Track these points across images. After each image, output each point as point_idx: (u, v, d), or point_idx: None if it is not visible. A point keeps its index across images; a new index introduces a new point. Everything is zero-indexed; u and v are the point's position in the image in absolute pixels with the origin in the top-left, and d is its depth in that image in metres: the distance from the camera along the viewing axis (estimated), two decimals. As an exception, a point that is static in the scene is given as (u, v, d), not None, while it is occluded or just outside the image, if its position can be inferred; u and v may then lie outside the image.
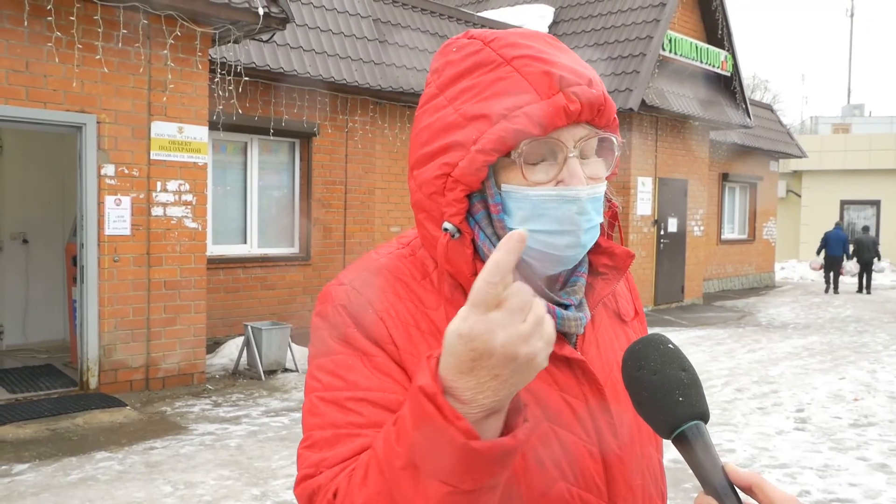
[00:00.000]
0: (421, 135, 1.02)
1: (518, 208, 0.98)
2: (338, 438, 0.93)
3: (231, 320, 9.52)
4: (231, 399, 7.20)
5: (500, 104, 0.95)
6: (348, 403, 0.95)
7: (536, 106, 0.94)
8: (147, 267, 7.22)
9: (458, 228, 0.98)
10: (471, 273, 0.99)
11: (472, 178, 0.96)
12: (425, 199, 1.01)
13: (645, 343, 0.96)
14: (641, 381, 0.93)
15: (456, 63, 1.01)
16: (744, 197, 20.02)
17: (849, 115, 38.23)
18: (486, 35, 1.02)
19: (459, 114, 0.97)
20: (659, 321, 13.21)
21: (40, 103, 6.55)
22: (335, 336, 1.00)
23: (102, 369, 7.00)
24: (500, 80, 0.97)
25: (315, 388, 0.99)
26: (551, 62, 0.97)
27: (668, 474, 4.78)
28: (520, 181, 0.97)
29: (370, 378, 0.96)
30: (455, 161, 0.96)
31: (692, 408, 0.91)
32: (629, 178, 13.68)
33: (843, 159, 26.95)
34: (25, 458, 5.43)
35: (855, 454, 5.96)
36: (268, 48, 9.35)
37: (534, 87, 0.95)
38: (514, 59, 0.98)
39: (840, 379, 8.72)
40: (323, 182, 10.58)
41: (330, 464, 0.91)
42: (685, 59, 14.02)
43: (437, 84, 1.02)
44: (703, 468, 0.89)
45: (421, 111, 1.04)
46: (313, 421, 0.96)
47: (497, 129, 0.94)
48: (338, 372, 0.97)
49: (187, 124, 7.40)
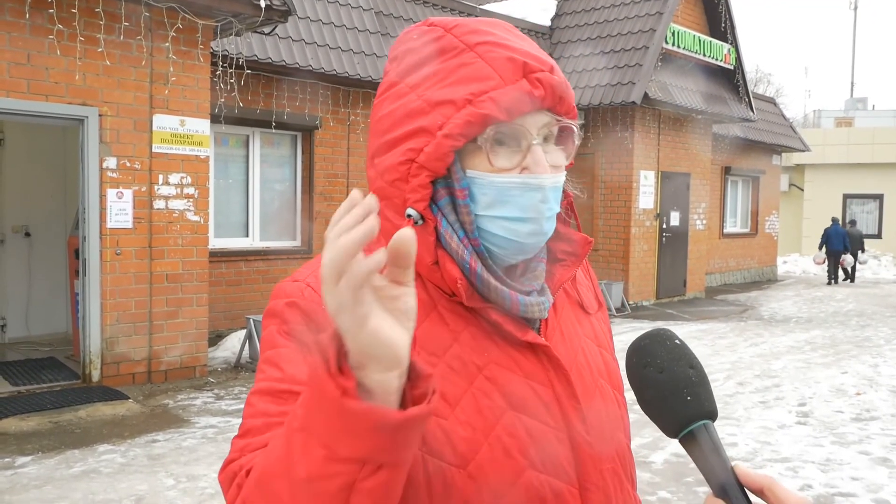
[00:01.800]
0: (382, 122, 1.01)
1: (482, 194, 0.98)
2: (268, 426, 0.90)
3: (233, 313, 9.53)
4: (233, 392, 7.20)
5: (465, 89, 0.95)
6: (283, 395, 0.93)
7: (502, 91, 0.95)
8: (149, 260, 7.22)
9: (421, 215, 0.98)
10: (432, 261, 0.99)
11: (439, 164, 0.96)
12: (387, 187, 1.00)
13: (651, 338, 0.94)
14: (647, 379, 0.91)
15: (417, 50, 1.01)
16: (746, 191, 19.99)
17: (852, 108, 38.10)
18: (446, 22, 1.03)
19: (423, 100, 0.97)
20: (661, 315, 13.20)
21: (42, 96, 6.54)
22: (282, 331, 1.00)
23: (105, 362, 7.01)
24: (464, 66, 0.97)
25: (257, 380, 0.98)
26: (514, 48, 0.98)
27: (669, 468, 4.74)
28: (485, 167, 0.97)
29: None
30: (420, 147, 0.96)
31: (701, 407, 0.89)
32: (632, 172, 13.66)
33: (846, 153, 26.90)
34: (28, 450, 5.44)
35: (857, 448, 5.96)
36: (270, 41, 9.33)
37: (498, 72, 0.95)
38: (476, 45, 0.98)
39: (842, 373, 8.71)
40: (325, 175, 10.57)
41: (253, 448, 0.89)
42: (688, 52, 13.98)
43: (397, 72, 1.02)
44: (713, 470, 0.87)
45: (380, 100, 1.04)
46: (248, 411, 0.95)
47: (464, 113, 0.94)
48: (279, 364, 0.97)
49: (189, 117, 7.39)
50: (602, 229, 13.95)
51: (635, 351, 0.94)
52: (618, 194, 13.81)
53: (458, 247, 0.99)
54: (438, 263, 0.99)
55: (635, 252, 13.86)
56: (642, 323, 12.13)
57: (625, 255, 13.73)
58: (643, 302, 14.19)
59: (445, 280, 0.99)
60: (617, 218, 13.85)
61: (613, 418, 1.09)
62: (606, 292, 12.94)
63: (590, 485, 1.02)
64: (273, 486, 0.78)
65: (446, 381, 0.95)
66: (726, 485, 0.86)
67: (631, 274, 13.80)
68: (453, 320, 1.00)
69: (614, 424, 1.09)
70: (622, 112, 13.47)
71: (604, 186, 13.93)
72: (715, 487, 0.87)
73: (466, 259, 0.99)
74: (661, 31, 13.12)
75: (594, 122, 13.74)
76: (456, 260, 0.99)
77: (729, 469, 0.86)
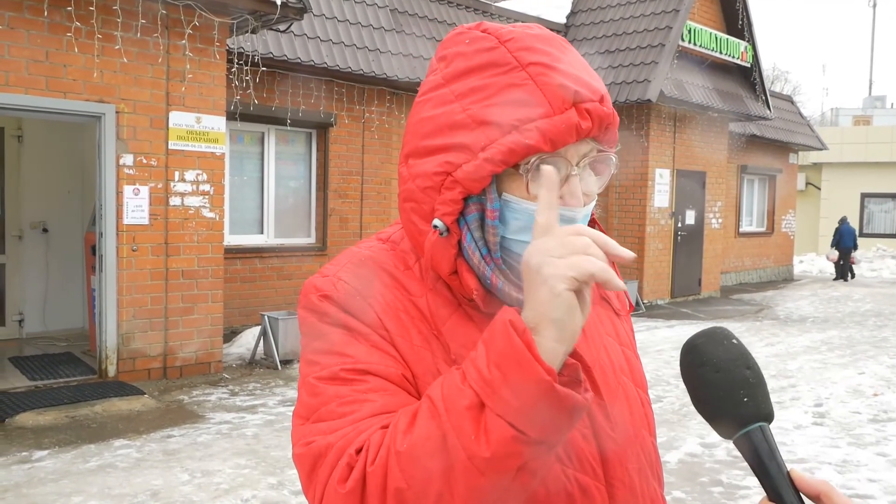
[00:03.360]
0: (423, 125, 1.00)
1: (514, 218, 0.97)
2: (344, 406, 0.91)
3: (248, 310, 9.57)
4: (248, 388, 7.23)
5: (511, 113, 0.93)
6: (350, 375, 0.93)
7: (549, 121, 0.92)
8: (165, 256, 7.26)
9: (447, 227, 0.97)
10: (450, 271, 0.99)
11: (475, 184, 0.95)
12: (418, 191, 0.99)
13: (707, 337, 0.92)
14: (703, 379, 0.89)
15: (468, 56, 0.99)
16: (762, 189, 19.86)
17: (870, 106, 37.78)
18: (501, 33, 0.99)
19: (468, 114, 0.95)
20: (676, 314, 13.15)
21: (60, 93, 6.59)
22: (327, 322, 0.99)
23: (121, 357, 7.06)
24: (514, 87, 0.94)
25: (311, 371, 0.97)
26: (566, 73, 0.95)
27: (684, 468, 4.72)
28: (522, 193, 0.96)
29: (370, 352, 0.95)
30: (459, 162, 0.95)
31: (758, 409, 0.87)
32: (647, 170, 13.60)
33: (864, 151, 26.68)
34: (45, 444, 5.49)
35: (874, 450, 5.91)
36: (285, 38, 9.35)
37: (548, 99, 0.93)
38: (529, 64, 0.95)
39: (859, 374, 8.64)
40: (339, 172, 10.59)
41: (339, 427, 0.89)
42: (704, 49, 13.90)
43: (444, 74, 1.00)
44: (768, 473, 0.85)
45: (423, 99, 1.02)
46: (314, 401, 0.94)
47: (508, 140, 0.92)
48: (334, 350, 0.96)
49: (205, 114, 7.42)
50: (617, 227, 13.90)
51: (690, 350, 0.92)
52: (633, 192, 13.76)
53: (479, 263, 0.98)
54: (457, 273, 0.99)
55: (650, 251, 13.81)
56: (657, 322, 12.09)
57: (639, 254, 13.67)
58: (658, 301, 14.13)
59: (463, 288, 1.00)
60: (632, 216, 13.80)
61: (638, 416, 1.09)
62: (621, 291, 12.87)
63: (616, 481, 1.02)
64: (424, 463, 0.80)
65: None
66: (781, 489, 0.84)
67: (646, 273, 13.74)
68: (478, 318, 1.01)
69: (639, 422, 1.09)
70: (637, 110, 13.41)
71: (619, 185, 13.88)
72: (769, 491, 0.85)
73: (487, 276, 0.98)
74: (678, 29, 13.05)
75: (609, 119, 13.66)
76: (476, 274, 0.99)
77: (784, 473, 0.85)
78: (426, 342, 0.98)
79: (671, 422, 6.47)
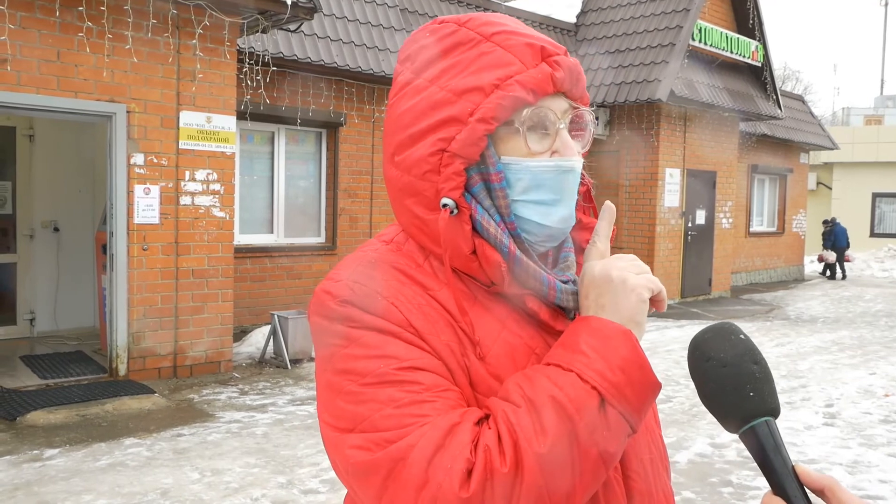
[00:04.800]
0: (402, 118, 1.01)
1: (517, 179, 1.00)
2: (403, 409, 0.88)
3: (258, 309, 9.59)
4: (257, 387, 7.25)
5: (490, 75, 0.97)
6: (400, 374, 0.91)
7: (526, 74, 0.97)
8: (175, 255, 7.28)
9: (456, 204, 0.98)
10: (469, 250, 0.99)
11: (473, 150, 0.97)
12: (417, 181, 1.00)
13: (714, 332, 0.92)
14: (709, 373, 0.90)
15: (431, 46, 1.02)
16: (773, 189, 19.77)
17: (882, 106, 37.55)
18: (458, 18, 1.05)
19: (447, 90, 0.98)
20: (686, 314, 13.11)
21: (71, 93, 6.62)
22: (354, 326, 0.95)
23: (131, 356, 7.08)
24: (484, 55, 0.99)
25: (351, 380, 0.92)
26: (528, 35, 1.01)
27: (694, 468, 4.70)
28: (520, 152, 1.00)
29: (409, 350, 0.93)
30: (451, 136, 0.97)
31: (764, 403, 0.88)
32: (657, 170, 13.56)
33: (876, 151, 26.50)
34: (56, 443, 5.52)
35: (885, 450, 5.88)
36: (295, 38, 9.37)
37: (518, 57, 0.98)
38: (493, 34, 1.01)
39: (870, 374, 8.59)
40: (349, 172, 10.60)
41: (408, 430, 0.87)
42: (715, 49, 13.84)
43: (413, 69, 1.03)
44: (773, 468, 0.86)
45: (395, 99, 1.04)
46: (361, 409, 0.90)
47: (494, 97, 0.96)
48: (372, 354, 0.92)
49: (215, 114, 7.44)
50: (627, 227, 13.87)
51: (698, 345, 0.92)
52: (643, 192, 13.72)
53: (496, 231, 0.99)
54: (476, 252, 0.99)
55: (660, 250, 13.77)
56: (667, 322, 12.05)
57: (649, 254, 13.64)
58: (668, 301, 14.07)
59: (485, 268, 0.99)
60: (642, 216, 13.76)
61: None
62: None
63: (632, 473, 1.04)
64: (563, 461, 0.86)
65: (502, 367, 0.97)
66: (786, 483, 0.85)
67: (655, 272, 13.68)
68: (495, 308, 1.01)
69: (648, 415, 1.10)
70: (648, 109, 13.37)
71: (629, 184, 13.85)
72: (774, 485, 0.86)
73: (506, 243, 0.99)
74: (688, 28, 13.01)
75: (619, 119, 13.66)
76: (494, 245, 0.99)
77: (790, 468, 0.85)
78: (454, 335, 0.97)
79: (681, 422, 6.44)
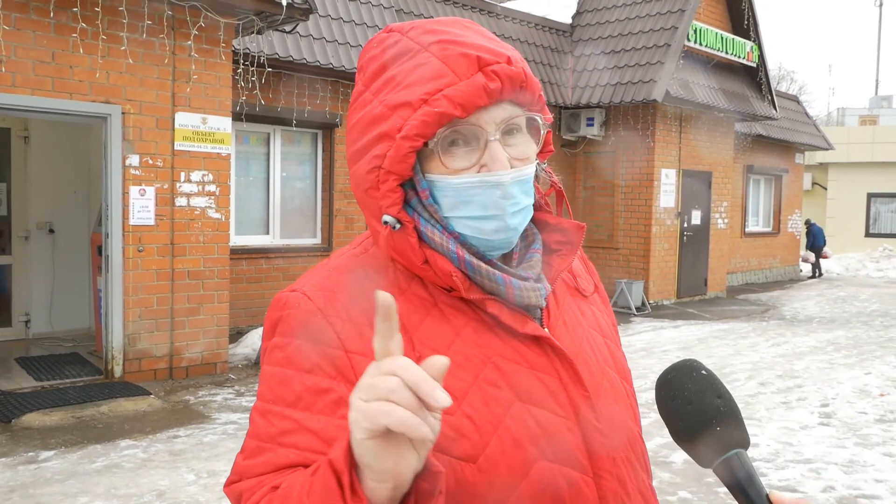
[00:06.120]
0: (351, 132, 1.03)
1: (443, 196, 0.99)
2: (259, 450, 0.95)
3: (253, 310, 9.58)
4: (253, 389, 7.24)
5: (420, 90, 0.95)
6: (275, 420, 0.96)
7: (455, 87, 0.94)
8: (171, 257, 7.27)
9: (398, 220, 0.98)
10: (421, 261, 0.99)
11: (402, 167, 0.96)
12: (363, 196, 1.01)
13: (677, 371, 0.94)
14: (676, 412, 0.92)
15: (377, 57, 1.02)
16: (769, 189, 19.81)
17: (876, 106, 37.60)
18: (403, 26, 1.04)
19: (384, 105, 0.97)
20: (682, 314, 13.12)
21: (66, 94, 6.61)
22: (284, 347, 1.00)
23: (127, 358, 7.07)
24: (420, 67, 0.97)
25: (259, 395, 1.01)
26: (468, 44, 0.98)
27: (690, 469, 4.69)
28: (441, 170, 0.98)
29: (307, 395, 0.96)
30: (383, 152, 0.97)
31: (731, 437, 0.90)
32: (653, 170, 13.58)
33: (871, 151, 26.56)
34: (52, 445, 5.50)
35: (881, 450, 5.89)
36: (291, 39, 9.36)
37: (452, 69, 0.95)
38: (431, 44, 0.98)
39: (866, 374, 8.61)
40: (345, 173, 10.59)
41: (250, 475, 0.95)
42: (710, 49, 13.87)
43: (363, 81, 1.03)
44: (747, 497, 0.88)
45: (350, 110, 1.05)
46: (249, 428, 1.00)
47: (419, 113, 0.94)
48: (273, 387, 0.99)
49: (211, 115, 7.43)
50: (622, 228, 13.88)
51: (663, 385, 0.94)
52: (638, 193, 13.73)
53: (441, 239, 0.99)
54: (428, 262, 0.99)
55: (656, 251, 13.78)
56: (663, 322, 12.07)
57: (645, 254, 13.66)
58: (664, 301, 14.10)
59: (439, 276, 0.99)
60: (638, 217, 13.77)
61: (623, 406, 1.09)
62: (626, 291, 12.88)
63: (604, 473, 1.01)
64: None
65: (451, 377, 0.93)
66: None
67: (651, 273, 13.72)
68: (454, 316, 1.01)
69: (624, 412, 1.09)
70: (643, 110, 13.39)
71: (624, 184, 13.86)
72: None
73: (453, 249, 0.99)
74: (683, 29, 13.03)
75: (615, 119, 13.67)
76: (443, 253, 0.99)
77: (763, 496, 0.87)
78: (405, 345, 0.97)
79: (677, 422, 6.44)
